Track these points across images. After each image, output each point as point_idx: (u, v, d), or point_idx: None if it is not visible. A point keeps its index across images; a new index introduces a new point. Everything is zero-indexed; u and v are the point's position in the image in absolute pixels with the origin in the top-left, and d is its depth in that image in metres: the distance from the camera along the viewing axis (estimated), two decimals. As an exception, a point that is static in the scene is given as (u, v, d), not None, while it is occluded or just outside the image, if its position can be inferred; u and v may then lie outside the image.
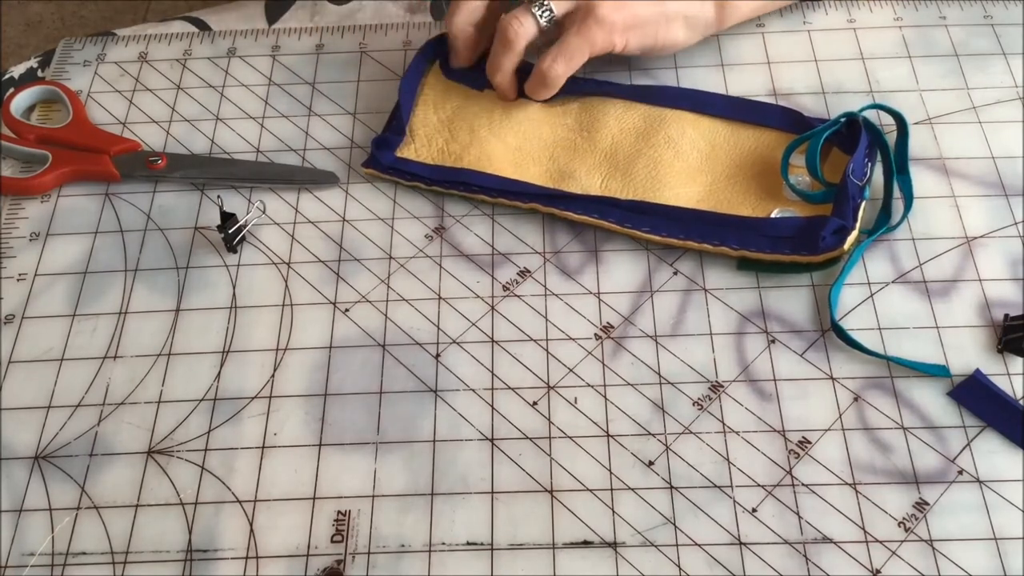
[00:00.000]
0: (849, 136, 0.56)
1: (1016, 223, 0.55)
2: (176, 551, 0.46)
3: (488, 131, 0.59)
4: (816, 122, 0.57)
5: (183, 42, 0.67)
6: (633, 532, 0.46)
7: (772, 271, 0.53)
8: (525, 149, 0.58)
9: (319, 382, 0.51)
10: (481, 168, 0.57)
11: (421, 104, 0.61)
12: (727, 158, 0.57)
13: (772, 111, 0.59)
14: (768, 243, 0.53)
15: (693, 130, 0.58)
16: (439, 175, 0.57)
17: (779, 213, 0.54)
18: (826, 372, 0.50)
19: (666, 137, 0.58)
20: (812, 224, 0.53)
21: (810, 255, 0.52)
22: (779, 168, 0.56)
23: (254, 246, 0.56)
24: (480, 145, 0.58)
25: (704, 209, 0.55)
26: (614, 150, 0.58)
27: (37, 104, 0.64)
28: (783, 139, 0.57)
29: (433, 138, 0.59)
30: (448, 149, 0.59)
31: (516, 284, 0.54)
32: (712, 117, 0.59)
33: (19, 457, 0.49)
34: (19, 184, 0.58)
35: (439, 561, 0.45)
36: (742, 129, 0.58)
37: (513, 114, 0.60)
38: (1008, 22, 0.64)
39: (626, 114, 0.59)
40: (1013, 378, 0.49)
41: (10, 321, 0.54)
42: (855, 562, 0.44)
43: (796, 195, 0.55)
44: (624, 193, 0.56)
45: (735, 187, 0.56)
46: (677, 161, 0.57)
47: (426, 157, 0.58)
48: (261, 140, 0.61)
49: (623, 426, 0.49)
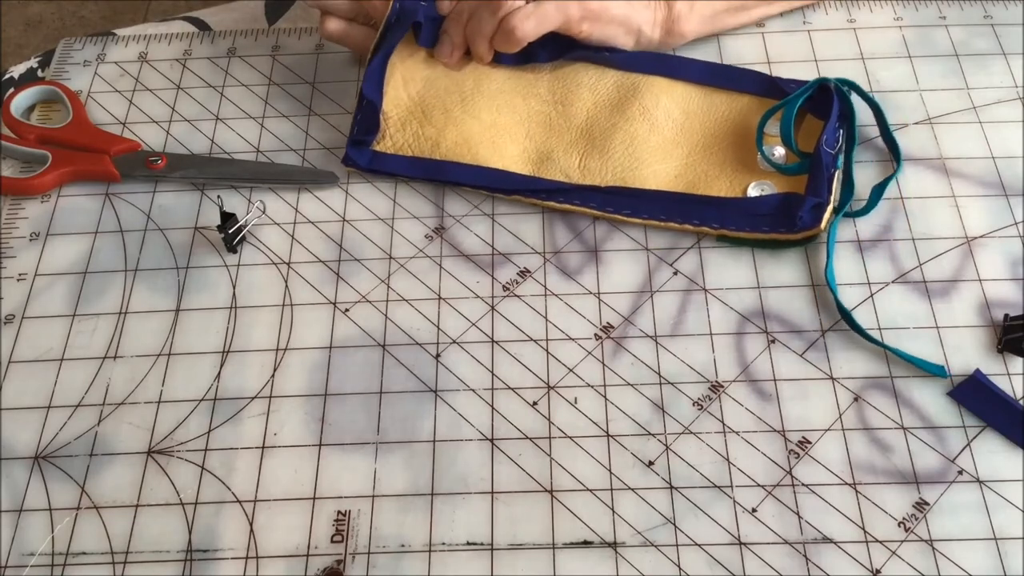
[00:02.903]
0: (822, 101, 0.57)
1: (1016, 223, 0.55)
2: (176, 551, 0.46)
3: (461, 109, 0.59)
4: (790, 86, 0.58)
5: (183, 42, 0.67)
6: (633, 532, 0.46)
7: (752, 246, 0.54)
8: (500, 124, 0.58)
9: (319, 382, 0.51)
10: (459, 155, 0.57)
11: (391, 84, 0.60)
12: (701, 127, 0.58)
13: (746, 76, 0.60)
14: (747, 221, 0.54)
15: (667, 98, 0.59)
16: (418, 171, 0.58)
17: (755, 187, 0.55)
18: (826, 372, 0.50)
19: (641, 108, 0.58)
20: (789, 202, 0.54)
21: (788, 233, 0.53)
22: (749, 138, 0.56)
23: (254, 246, 0.56)
24: (456, 126, 0.58)
25: (682, 188, 0.56)
26: (589, 125, 0.58)
27: (37, 104, 0.64)
28: (757, 104, 0.58)
29: (407, 121, 0.59)
30: (424, 134, 0.58)
31: (516, 284, 0.54)
32: (686, 83, 0.59)
33: (19, 457, 0.49)
34: (19, 184, 0.58)
35: (439, 561, 0.45)
36: (716, 94, 0.59)
37: (484, 86, 0.60)
38: (1008, 22, 0.64)
39: (599, 83, 0.59)
40: (1013, 378, 0.49)
41: (10, 321, 0.54)
42: (855, 562, 0.44)
43: (771, 167, 0.56)
44: (603, 173, 0.56)
45: (711, 159, 0.57)
46: (653, 135, 0.57)
47: (403, 146, 0.58)
48: (261, 140, 0.61)
49: (623, 426, 0.49)
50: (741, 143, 0.57)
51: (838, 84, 0.57)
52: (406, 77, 0.60)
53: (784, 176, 0.55)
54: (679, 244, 0.55)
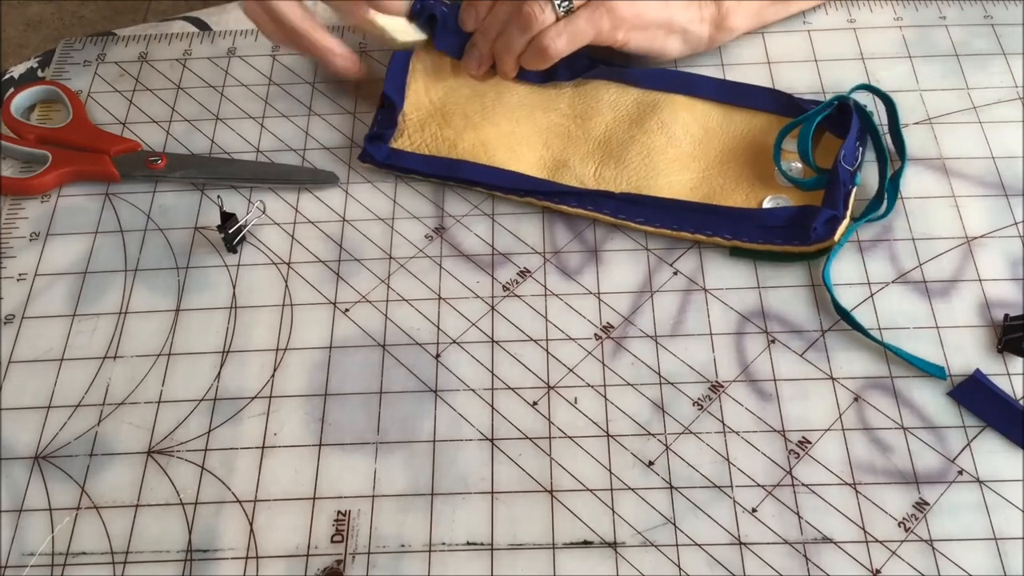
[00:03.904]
0: (840, 120, 0.56)
1: (1016, 223, 0.55)
2: (176, 551, 0.46)
3: (481, 116, 0.59)
4: (807, 104, 0.58)
5: (183, 42, 0.67)
6: (633, 532, 0.46)
7: (764, 259, 0.54)
8: (519, 133, 0.58)
9: (319, 382, 0.51)
10: (476, 157, 0.57)
11: (412, 87, 0.60)
12: (719, 143, 0.58)
13: (763, 94, 0.60)
14: (760, 233, 0.53)
15: (687, 114, 0.59)
16: (435, 168, 0.57)
17: (771, 201, 0.55)
18: (826, 372, 0.50)
19: (659, 122, 0.58)
20: (804, 214, 0.53)
21: (801, 245, 0.53)
22: (771, 153, 0.56)
23: (254, 246, 0.56)
24: (475, 131, 0.58)
25: (697, 199, 0.55)
26: (607, 137, 0.58)
27: (37, 104, 0.64)
28: (775, 122, 0.58)
29: (426, 123, 0.59)
30: (442, 135, 0.59)
31: (516, 284, 0.54)
32: (705, 101, 0.60)
33: (19, 457, 0.49)
34: (19, 184, 0.58)
35: (439, 561, 0.45)
36: (734, 113, 0.59)
37: (506, 98, 0.60)
38: (1008, 22, 0.64)
39: (620, 99, 0.60)
40: (1013, 378, 0.49)
41: (10, 321, 0.54)
42: (855, 562, 0.44)
43: (788, 182, 0.55)
44: (617, 182, 0.56)
45: (727, 173, 0.57)
46: (670, 147, 0.57)
47: (420, 145, 0.58)
48: (261, 140, 0.61)
49: (623, 426, 0.49)
50: (758, 159, 0.57)
51: (857, 103, 0.56)
52: (428, 84, 0.61)
53: (801, 192, 0.55)
54: (679, 244, 0.55)
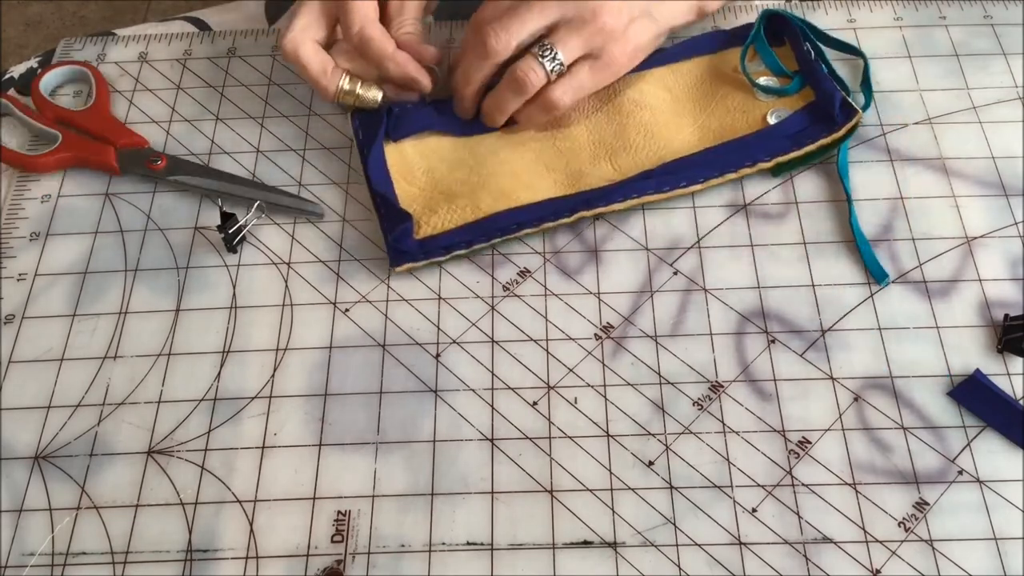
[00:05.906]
0: (782, 30, 0.61)
1: (1016, 223, 0.55)
2: (176, 551, 0.46)
3: (476, 176, 0.56)
4: (741, 29, 0.62)
5: (183, 42, 0.67)
6: (633, 532, 0.46)
7: (804, 163, 0.57)
8: (518, 170, 0.57)
9: (319, 382, 0.51)
10: (503, 206, 0.55)
11: (396, 184, 0.57)
12: (689, 96, 0.60)
13: (700, 42, 0.62)
14: (790, 142, 0.56)
15: (646, 85, 0.60)
16: (475, 234, 0.54)
17: (772, 114, 0.58)
18: (826, 372, 0.50)
19: (631, 101, 0.59)
20: (818, 108, 0.57)
21: (834, 133, 0.56)
22: (738, 83, 0.59)
23: (254, 246, 0.56)
24: (483, 188, 0.55)
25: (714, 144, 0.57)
26: (597, 136, 0.58)
27: (66, 84, 0.64)
28: (725, 57, 0.61)
29: (433, 206, 0.55)
30: (457, 205, 0.55)
31: (516, 284, 0.54)
32: (651, 69, 0.61)
33: (19, 457, 0.49)
34: (21, 159, 0.59)
35: (439, 561, 0.45)
36: (682, 66, 0.61)
37: (479, 151, 0.58)
38: (1008, 22, 0.64)
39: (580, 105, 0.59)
40: (1013, 378, 0.49)
41: (10, 321, 0.54)
42: (855, 562, 0.44)
43: (773, 95, 0.59)
44: (639, 164, 0.57)
45: (717, 113, 0.59)
46: (657, 116, 0.59)
47: (443, 224, 0.54)
48: (261, 140, 0.61)
49: (623, 426, 0.49)
50: (733, 91, 0.60)
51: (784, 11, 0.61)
52: (404, 175, 0.57)
53: (791, 97, 0.59)
54: (679, 244, 0.55)
